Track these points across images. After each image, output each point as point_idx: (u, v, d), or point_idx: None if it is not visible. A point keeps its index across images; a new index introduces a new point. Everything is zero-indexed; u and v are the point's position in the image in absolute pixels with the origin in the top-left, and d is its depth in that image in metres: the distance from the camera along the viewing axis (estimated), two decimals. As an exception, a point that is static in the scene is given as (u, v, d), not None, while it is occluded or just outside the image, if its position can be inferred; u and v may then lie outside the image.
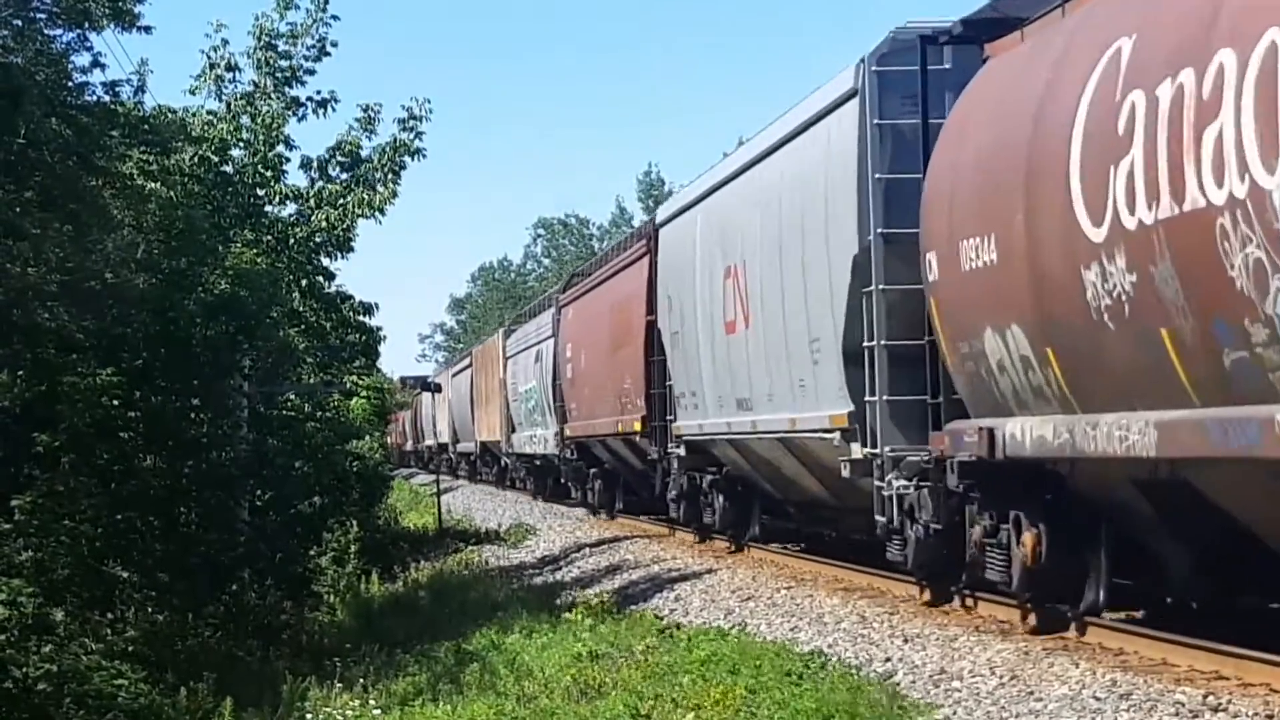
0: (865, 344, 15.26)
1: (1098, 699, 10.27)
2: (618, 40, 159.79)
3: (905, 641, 13.50)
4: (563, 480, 37.62)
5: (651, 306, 25.68)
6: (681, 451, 23.78)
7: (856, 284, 15.38)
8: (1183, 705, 9.85)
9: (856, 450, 15.84)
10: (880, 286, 14.95)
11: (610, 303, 29.94)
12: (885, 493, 15.19)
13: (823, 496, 19.01)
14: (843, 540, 20.22)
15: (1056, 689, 10.76)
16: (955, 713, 10.62)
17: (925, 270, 13.76)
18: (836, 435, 16.30)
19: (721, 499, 22.56)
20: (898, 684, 11.77)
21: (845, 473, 16.26)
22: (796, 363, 17.63)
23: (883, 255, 14.92)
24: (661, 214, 25.53)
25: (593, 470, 34.17)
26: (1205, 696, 10.02)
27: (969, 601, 14.95)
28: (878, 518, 15.51)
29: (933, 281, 13.67)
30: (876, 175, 15.07)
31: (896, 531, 15.28)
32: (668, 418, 24.63)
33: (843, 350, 15.85)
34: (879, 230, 14.97)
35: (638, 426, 26.70)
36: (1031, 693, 10.78)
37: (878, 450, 15.23)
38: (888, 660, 12.80)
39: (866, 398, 15.32)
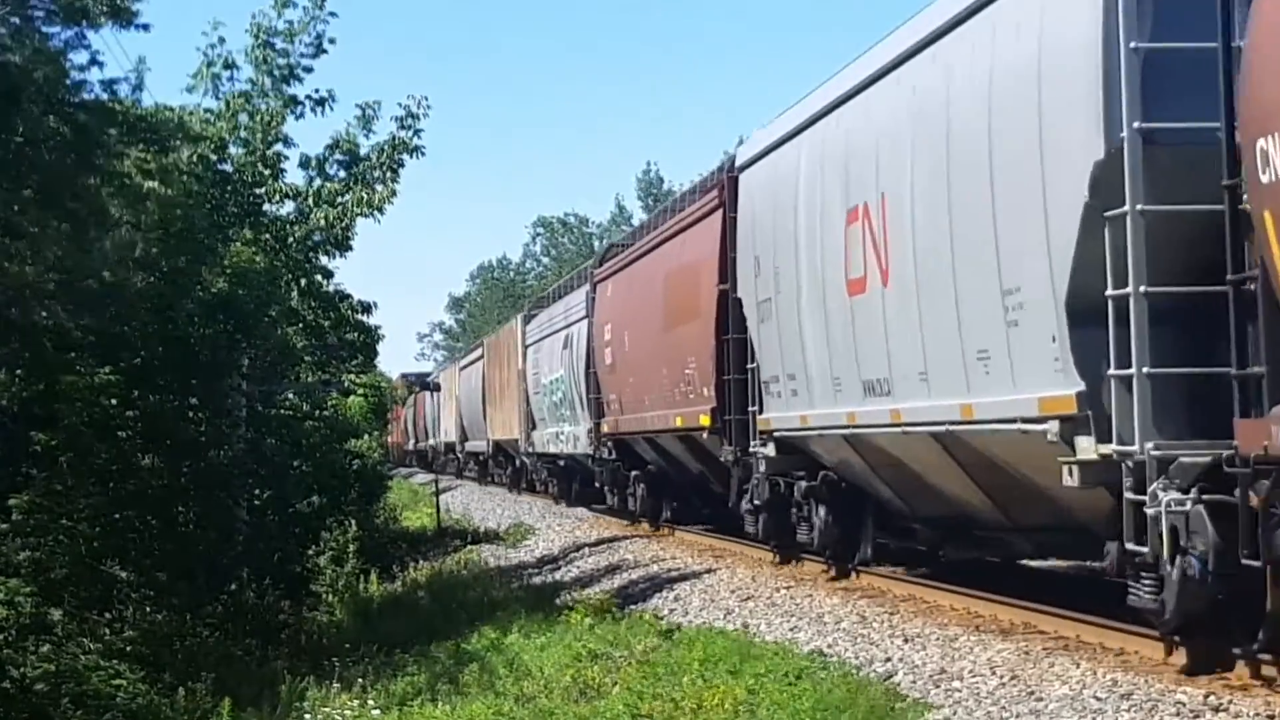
0: (1111, 293, 10.85)
1: (1098, 699, 10.25)
2: (618, 40, 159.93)
3: (905, 641, 13.47)
4: (598, 484, 31.79)
5: (725, 273, 20.44)
6: (770, 451, 18.78)
7: (1096, 206, 10.94)
8: (1184, 705, 9.82)
9: (1089, 447, 11.24)
10: (1141, 207, 10.63)
11: (666, 271, 24.42)
12: (1149, 510, 10.52)
13: (983, 511, 14.77)
14: (998, 567, 17.36)
15: (1057, 689, 10.73)
16: (955, 713, 10.59)
17: (1255, 168, 9.12)
18: (1053, 426, 11.54)
19: (823, 512, 17.78)
20: (897, 684, 11.74)
21: (1071, 479, 11.47)
22: (975, 327, 12.86)
23: (1142, 161, 10.63)
24: (743, 155, 19.84)
25: (635, 473, 28.62)
26: (1206, 696, 9.99)
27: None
28: (1131, 546, 10.89)
29: (1268, 184, 8.97)
30: (1134, 44, 10.71)
31: (1149, 567, 10.80)
32: (750, 409, 19.65)
33: (1067, 304, 11.34)
34: (1137, 125, 10.64)
35: (705, 421, 21.52)
36: (1032, 693, 10.75)
37: (1133, 447, 10.75)
38: (888, 660, 12.76)
39: (1111, 371, 10.91)
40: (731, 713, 11.14)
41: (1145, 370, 10.67)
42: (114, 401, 17.13)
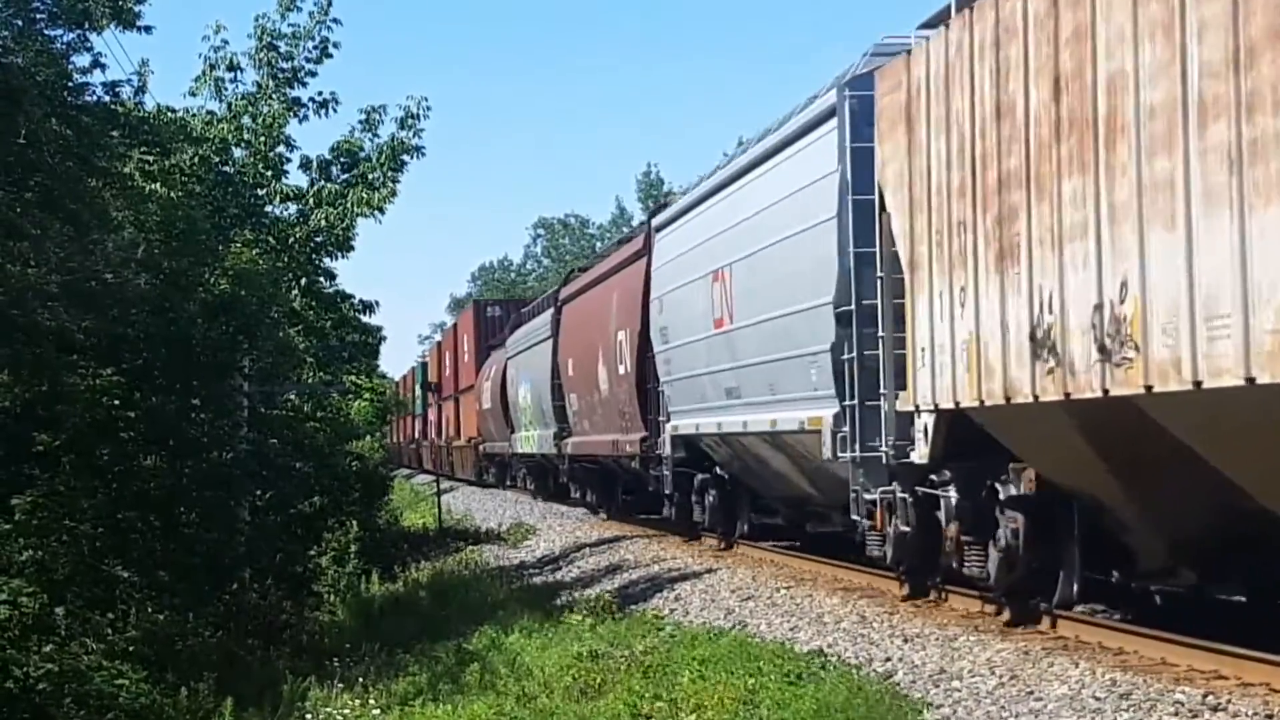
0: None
1: (1097, 699, 10.28)
2: (618, 40, 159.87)
3: (905, 641, 13.50)
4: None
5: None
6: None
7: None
8: (1182, 705, 9.86)
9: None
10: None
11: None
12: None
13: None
14: None
15: (1056, 689, 10.77)
16: (955, 712, 10.63)
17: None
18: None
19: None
20: (897, 684, 11.78)
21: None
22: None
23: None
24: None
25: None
26: (1205, 696, 10.02)
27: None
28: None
29: None
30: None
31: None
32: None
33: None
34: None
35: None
36: (1031, 692, 10.78)
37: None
38: (888, 660, 12.80)
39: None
40: (731, 713, 11.17)
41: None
42: (116, 402, 17.12)
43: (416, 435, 75.05)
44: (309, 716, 13.38)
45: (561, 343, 34.54)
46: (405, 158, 24.02)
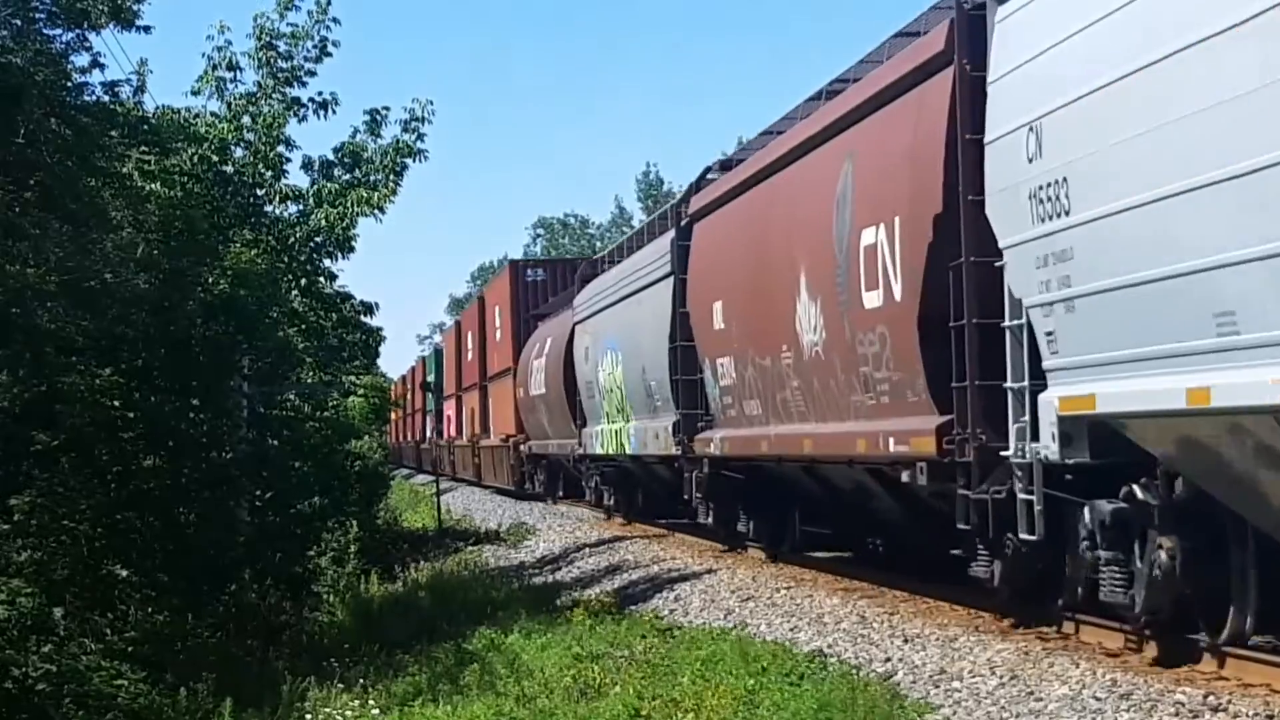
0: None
1: (1098, 699, 10.27)
2: (618, 40, 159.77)
3: (905, 641, 13.49)
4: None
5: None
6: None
7: None
8: (1183, 705, 9.84)
9: None
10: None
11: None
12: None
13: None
14: None
15: (1056, 689, 10.75)
16: (955, 713, 10.61)
17: None
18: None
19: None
20: (898, 684, 11.76)
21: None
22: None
23: None
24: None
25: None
26: (1205, 696, 10.00)
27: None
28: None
29: None
30: None
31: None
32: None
33: None
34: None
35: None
36: (1031, 693, 10.77)
37: None
38: (888, 660, 12.78)
39: None
40: (731, 713, 11.16)
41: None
42: (115, 402, 17.12)
43: (431, 434, 64.81)
44: (308, 717, 13.37)
45: (696, 281, 22.27)
46: (407, 161, 23.99)
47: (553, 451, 37.03)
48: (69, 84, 17.79)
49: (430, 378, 61.71)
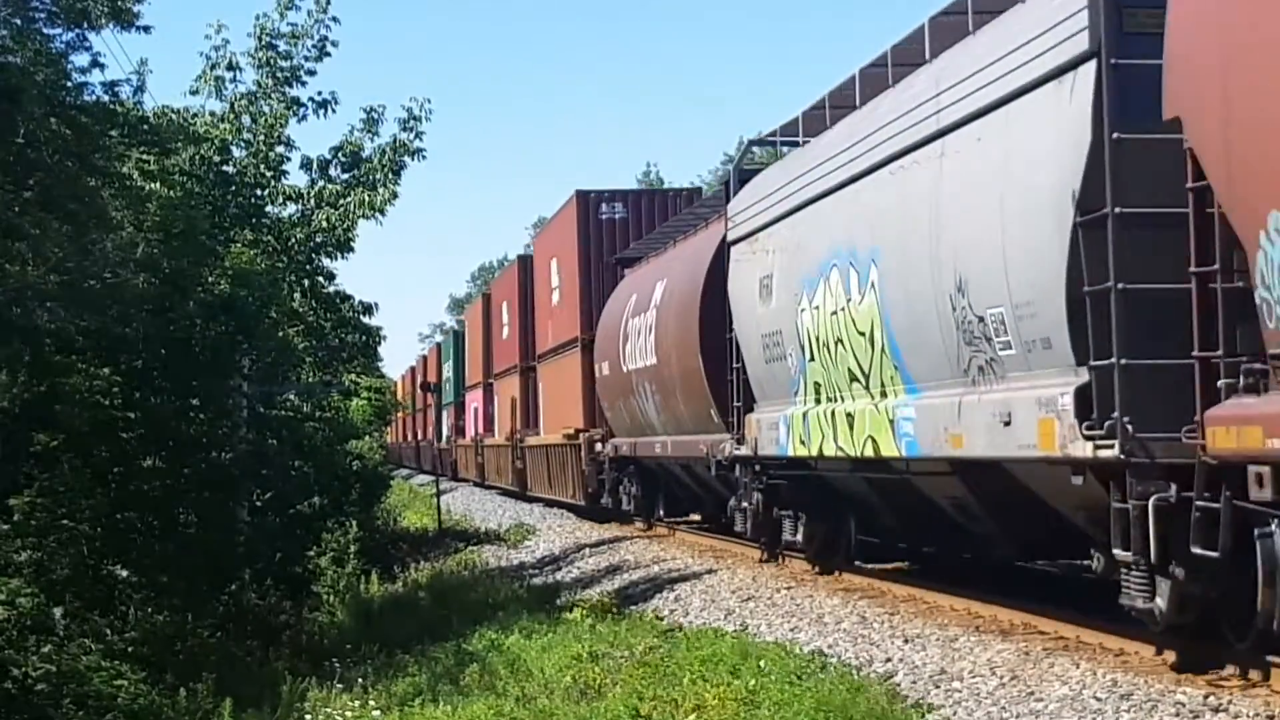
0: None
1: (1098, 699, 10.25)
2: (618, 40, 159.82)
3: (905, 642, 13.47)
4: None
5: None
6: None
7: None
8: (1183, 705, 9.83)
9: None
10: None
11: None
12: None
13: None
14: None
15: (1057, 689, 10.74)
16: (955, 713, 10.60)
17: None
18: None
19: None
20: (898, 684, 11.75)
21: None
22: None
23: None
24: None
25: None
26: (1205, 696, 9.99)
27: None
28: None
29: None
30: None
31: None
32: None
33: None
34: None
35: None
36: (1032, 693, 10.75)
37: None
38: (888, 660, 12.77)
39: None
40: (731, 713, 11.14)
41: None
42: (115, 402, 17.13)
43: (450, 432, 55.38)
44: (308, 717, 13.37)
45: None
46: (406, 159, 24.00)
47: (665, 454, 25.01)
48: (69, 84, 17.80)
49: (447, 364, 53.37)
